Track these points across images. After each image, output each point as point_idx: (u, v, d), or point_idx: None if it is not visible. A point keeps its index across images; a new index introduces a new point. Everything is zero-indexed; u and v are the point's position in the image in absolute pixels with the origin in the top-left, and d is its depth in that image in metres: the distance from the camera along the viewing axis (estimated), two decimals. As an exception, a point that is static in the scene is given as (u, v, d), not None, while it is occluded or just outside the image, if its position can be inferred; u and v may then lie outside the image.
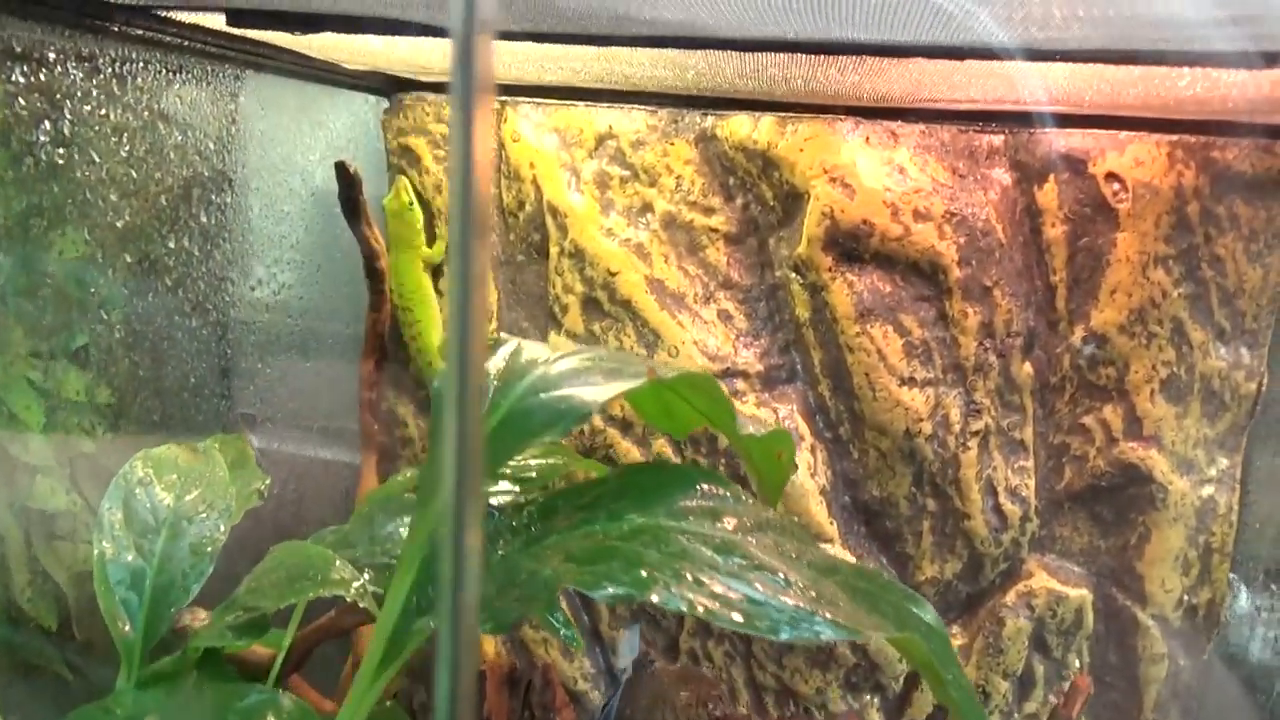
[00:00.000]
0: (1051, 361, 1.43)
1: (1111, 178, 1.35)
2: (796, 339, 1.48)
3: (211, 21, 1.13)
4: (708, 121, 1.49)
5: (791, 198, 1.45)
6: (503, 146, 1.58)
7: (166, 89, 1.17)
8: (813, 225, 1.41)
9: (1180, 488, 1.38)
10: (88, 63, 1.02)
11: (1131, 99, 1.14)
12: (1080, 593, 1.43)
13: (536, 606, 0.56)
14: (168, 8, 0.98)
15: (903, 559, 1.48)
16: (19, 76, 0.95)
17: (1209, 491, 1.38)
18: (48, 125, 1.03)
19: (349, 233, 1.53)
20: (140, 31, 1.06)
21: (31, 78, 0.97)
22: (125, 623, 0.95)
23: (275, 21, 0.95)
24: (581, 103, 1.54)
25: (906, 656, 0.65)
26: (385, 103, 1.64)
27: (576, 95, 1.53)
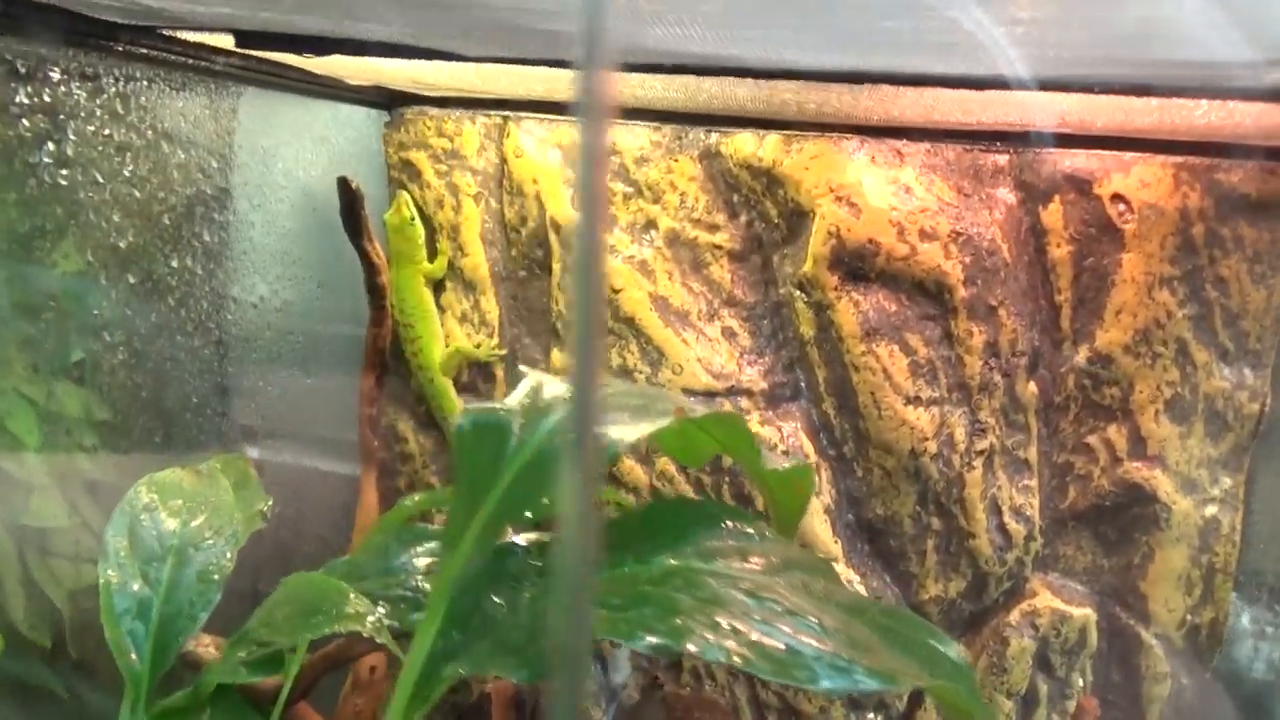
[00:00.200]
0: (1056, 381, 1.43)
1: (1117, 199, 1.35)
2: (800, 357, 1.48)
3: (213, 39, 1.11)
4: (711, 138, 1.49)
5: (796, 216, 1.45)
6: (505, 162, 1.57)
7: (168, 106, 1.16)
8: (818, 244, 1.41)
9: (1184, 507, 1.38)
10: (91, 81, 1.00)
11: (1144, 124, 1.14)
12: (1084, 612, 1.43)
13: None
14: (174, 28, 0.96)
15: (906, 578, 1.48)
16: (23, 97, 0.94)
17: (1212, 511, 1.39)
18: (50, 145, 1.02)
19: (350, 247, 1.51)
20: (144, 50, 1.05)
21: (35, 98, 0.95)
22: (132, 653, 0.94)
23: (285, 44, 0.94)
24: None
25: (939, 701, 0.65)
26: (386, 116, 1.63)
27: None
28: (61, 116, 0.97)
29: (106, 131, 1.04)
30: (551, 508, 0.66)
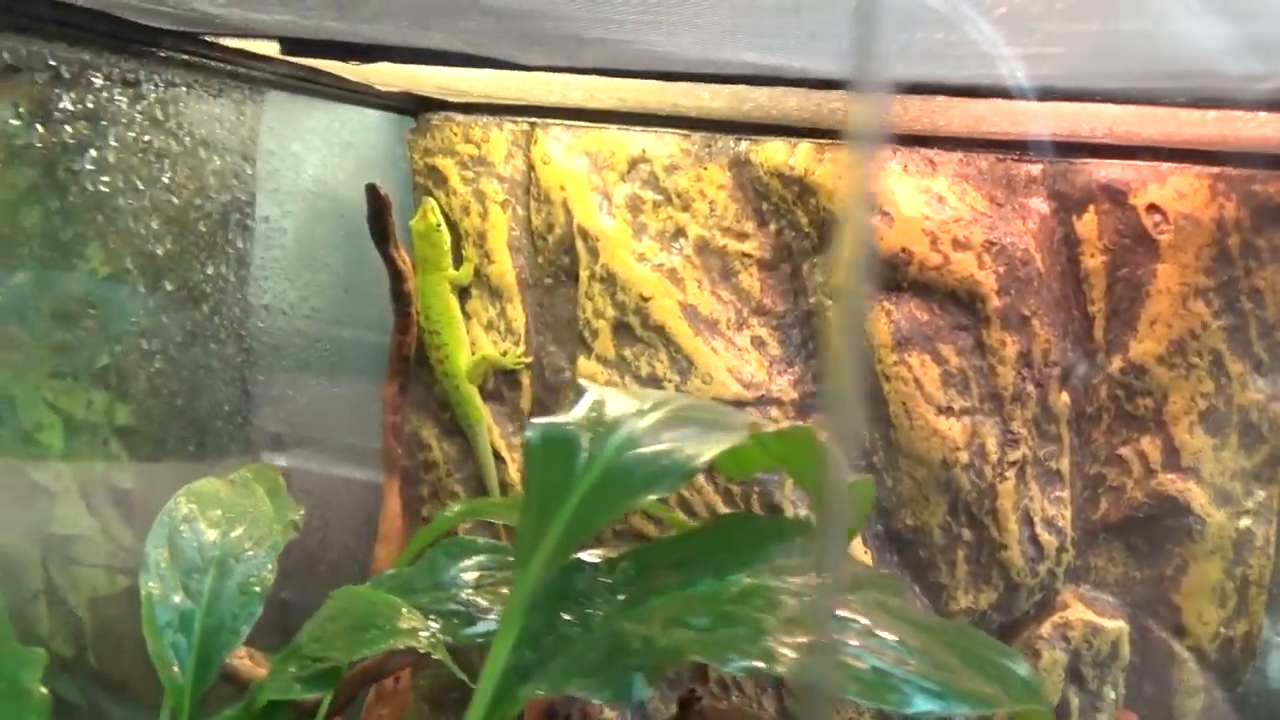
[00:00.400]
0: (1088, 392, 1.42)
1: (1153, 209, 1.34)
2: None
3: (254, 45, 1.10)
4: (741, 146, 1.48)
5: (828, 224, 1.44)
6: (533, 169, 1.56)
7: (205, 112, 1.15)
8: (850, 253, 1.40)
9: (1218, 520, 1.38)
10: (132, 88, 0.99)
11: (1183, 135, 1.14)
12: (1117, 624, 1.42)
13: (658, 676, 0.55)
14: (222, 35, 0.95)
15: (936, 589, 1.47)
16: (67, 103, 0.92)
17: (1246, 523, 1.38)
18: (93, 152, 1.01)
19: (375, 254, 1.50)
20: (185, 56, 1.04)
21: (79, 104, 0.94)
22: (174, 665, 0.92)
23: (335, 51, 0.93)
24: (614, 126, 1.52)
25: (1016, 721, 0.64)
26: (410, 122, 1.62)
27: (609, 119, 1.51)
28: (103, 123, 0.96)
29: (146, 138, 1.03)
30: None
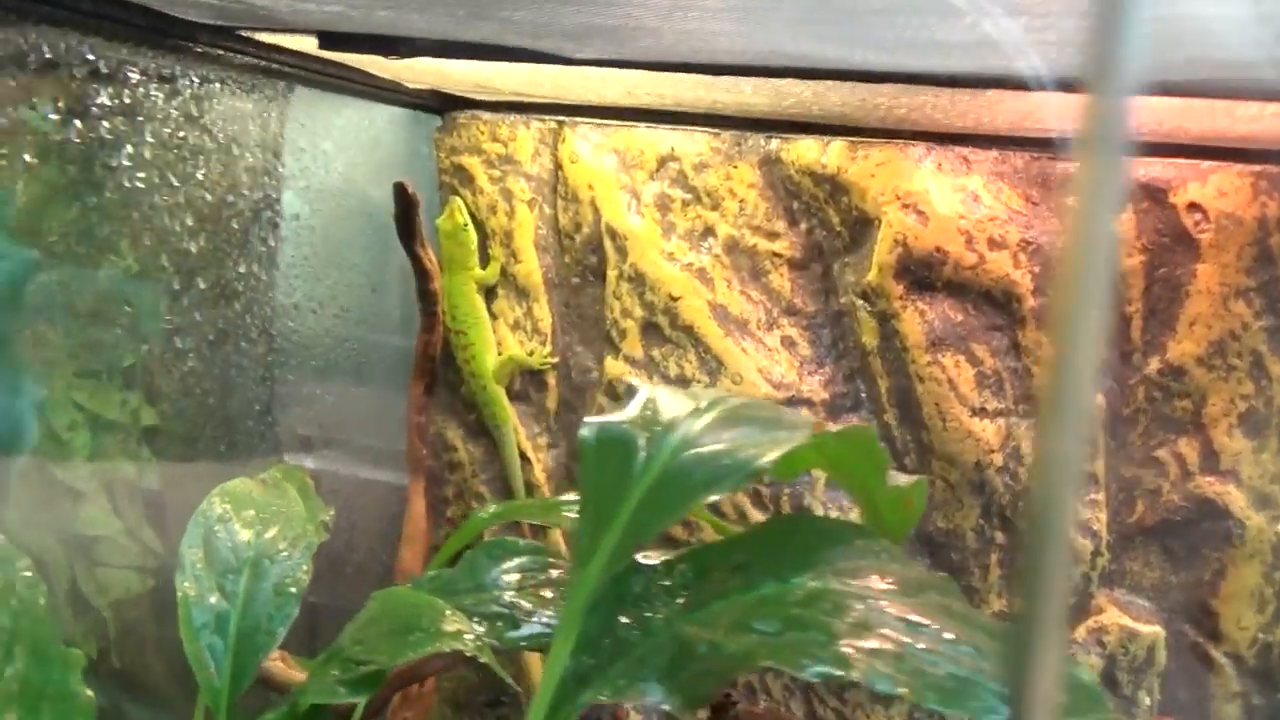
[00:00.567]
0: (1124, 393, 1.40)
1: (1193, 208, 1.33)
2: (862, 367, 1.46)
3: (284, 40, 1.09)
4: (771, 144, 1.46)
5: (860, 224, 1.42)
6: (560, 168, 1.55)
7: (239, 109, 1.14)
8: (884, 252, 1.39)
9: (1257, 523, 1.36)
10: (168, 83, 0.98)
11: (1235, 131, 1.12)
12: (1153, 629, 1.40)
13: (725, 683, 0.53)
14: (261, 28, 0.94)
15: (968, 592, 1.45)
16: (105, 99, 0.91)
17: (1286, 527, 1.36)
18: (129, 148, 1.00)
19: (400, 252, 1.49)
20: (220, 51, 1.03)
21: (116, 99, 0.93)
22: (211, 667, 0.91)
23: (375, 45, 0.92)
24: (642, 124, 1.51)
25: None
26: (436, 120, 1.61)
27: (638, 116, 1.50)
28: (140, 119, 0.95)
29: (181, 134, 1.02)
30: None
